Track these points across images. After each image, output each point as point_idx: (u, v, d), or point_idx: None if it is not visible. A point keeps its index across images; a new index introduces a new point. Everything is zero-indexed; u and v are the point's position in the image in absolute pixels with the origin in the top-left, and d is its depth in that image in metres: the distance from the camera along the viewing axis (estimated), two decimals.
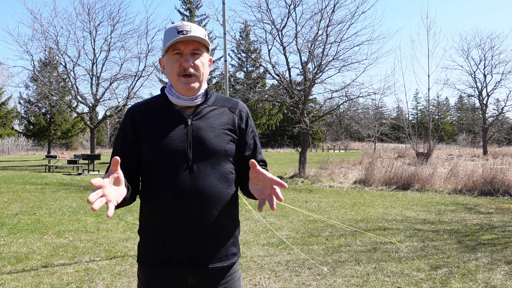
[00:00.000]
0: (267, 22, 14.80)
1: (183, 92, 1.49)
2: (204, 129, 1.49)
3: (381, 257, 4.70)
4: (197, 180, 1.44)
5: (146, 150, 1.48)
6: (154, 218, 1.48)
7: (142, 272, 1.53)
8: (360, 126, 17.87)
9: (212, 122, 1.51)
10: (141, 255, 1.52)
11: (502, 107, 33.70)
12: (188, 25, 1.47)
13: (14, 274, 4.18)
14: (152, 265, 1.49)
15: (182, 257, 1.44)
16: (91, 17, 24.89)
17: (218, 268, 1.48)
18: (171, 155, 1.45)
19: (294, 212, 7.72)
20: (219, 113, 1.55)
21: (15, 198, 9.72)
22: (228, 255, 1.50)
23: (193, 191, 1.43)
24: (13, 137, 43.88)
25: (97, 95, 25.35)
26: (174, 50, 1.47)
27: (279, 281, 3.97)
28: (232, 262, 1.52)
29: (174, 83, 1.50)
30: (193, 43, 1.47)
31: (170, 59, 1.49)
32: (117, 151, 1.53)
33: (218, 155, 1.48)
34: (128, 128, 1.53)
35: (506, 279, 3.97)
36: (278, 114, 48.44)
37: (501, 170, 10.31)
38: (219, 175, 1.48)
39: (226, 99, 1.62)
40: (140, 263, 1.53)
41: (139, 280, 1.55)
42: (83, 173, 17.66)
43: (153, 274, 1.49)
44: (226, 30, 5.46)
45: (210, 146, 1.47)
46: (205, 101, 1.54)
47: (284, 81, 15.00)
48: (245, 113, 1.61)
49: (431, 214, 7.49)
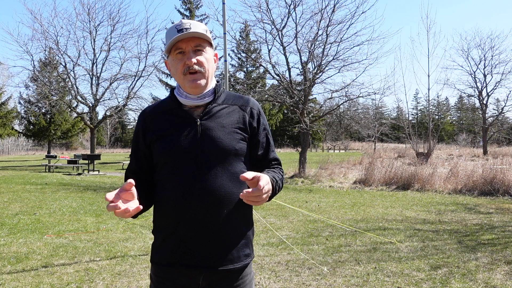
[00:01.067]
0: (267, 22, 14.81)
1: (191, 91, 1.48)
2: (213, 129, 1.47)
3: (381, 257, 4.70)
4: (208, 181, 1.42)
5: (157, 152, 1.49)
6: (166, 219, 1.47)
7: (154, 272, 1.52)
8: (360, 126, 17.88)
9: (222, 121, 1.49)
10: (154, 255, 1.52)
11: (502, 107, 33.77)
12: (188, 22, 1.45)
13: (14, 274, 4.18)
14: (164, 266, 1.48)
15: (194, 258, 1.43)
16: (91, 17, 24.93)
17: (230, 270, 1.46)
18: (181, 156, 1.44)
19: (294, 212, 7.72)
20: (229, 112, 1.52)
21: (15, 198, 9.72)
22: (241, 256, 1.48)
23: (203, 192, 1.41)
24: (13, 137, 43.91)
25: (97, 95, 25.36)
26: (176, 50, 1.46)
27: (279, 281, 3.97)
28: (244, 264, 1.49)
29: (181, 83, 1.49)
30: (194, 40, 1.46)
31: (173, 59, 1.48)
32: (132, 155, 1.60)
33: (228, 155, 1.46)
34: (140, 132, 1.55)
35: (506, 279, 3.97)
36: (278, 114, 48.48)
37: (501, 170, 10.31)
38: (230, 175, 1.45)
39: (237, 96, 1.59)
40: (153, 263, 1.53)
41: (151, 280, 1.55)
42: (83, 173, 17.66)
43: (164, 274, 1.48)
44: (226, 30, 5.46)
45: (220, 145, 1.45)
46: (215, 100, 1.53)
47: (284, 81, 14.99)
48: (257, 110, 1.57)
49: (431, 214, 7.49)
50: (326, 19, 14.29)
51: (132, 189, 1.32)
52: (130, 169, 1.58)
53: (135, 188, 1.33)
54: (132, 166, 1.58)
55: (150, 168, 1.55)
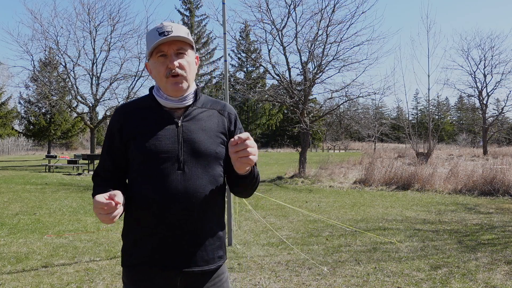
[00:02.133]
0: (267, 22, 14.80)
1: (172, 94, 1.48)
2: (195, 131, 1.47)
3: (381, 257, 4.70)
4: (188, 182, 1.42)
5: (134, 150, 1.46)
6: (144, 219, 1.44)
7: (128, 276, 1.49)
8: (360, 126, 17.85)
9: (203, 124, 1.50)
10: (128, 257, 1.49)
11: (502, 107, 33.76)
12: (169, 25, 1.45)
13: (14, 274, 4.18)
14: (140, 267, 1.45)
15: (173, 259, 1.42)
16: (91, 17, 24.88)
17: (206, 271, 1.47)
18: (161, 156, 1.43)
19: (294, 212, 7.72)
20: (208, 115, 1.53)
21: (15, 198, 9.72)
22: (215, 258, 1.49)
23: (184, 193, 1.41)
24: (13, 137, 43.88)
25: (97, 95, 25.34)
26: (158, 53, 1.45)
27: (279, 281, 3.97)
28: (218, 265, 1.51)
29: (162, 85, 1.48)
30: (176, 43, 1.45)
31: (155, 62, 1.47)
32: (104, 153, 1.54)
33: (209, 158, 1.47)
34: (115, 129, 1.51)
35: (506, 279, 3.97)
36: (278, 114, 48.47)
37: (501, 170, 10.31)
38: (210, 177, 1.46)
39: (214, 101, 1.60)
40: (126, 267, 1.49)
41: (124, 285, 1.51)
42: (83, 173, 17.66)
43: (141, 276, 1.46)
44: (226, 30, 5.46)
45: (201, 148, 1.46)
46: (195, 103, 1.53)
47: (284, 81, 14.99)
48: (234, 115, 1.60)
49: (431, 214, 7.49)
50: (326, 19, 14.31)
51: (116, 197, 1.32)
52: (103, 167, 1.53)
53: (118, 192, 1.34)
54: (106, 164, 1.52)
55: (124, 166, 1.51)
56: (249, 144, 1.30)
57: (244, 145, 1.30)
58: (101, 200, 1.28)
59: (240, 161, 1.32)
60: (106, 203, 1.27)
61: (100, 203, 1.27)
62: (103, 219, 1.30)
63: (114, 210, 1.29)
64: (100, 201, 1.27)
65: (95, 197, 1.30)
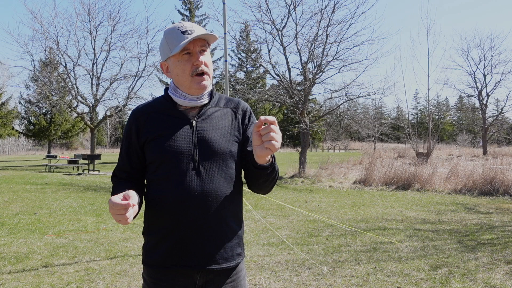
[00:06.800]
0: (267, 22, 14.82)
1: (196, 92, 1.48)
2: (209, 130, 1.48)
3: (381, 257, 4.71)
4: (204, 182, 1.44)
5: (151, 152, 1.47)
6: (161, 220, 1.46)
7: (148, 274, 1.51)
8: (360, 126, 17.88)
9: (217, 123, 1.51)
10: (148, 257, 1.50)
11: (502, 107, 33.80)
12: (189, 24, 1.46)
13: (15, 274, 4.18)
14: (160, 267, 1.47)
15: (192, 259, 1.44)
16: (91, 17, 24.94)
17: (225, 269, 1.48)
18: (177, 156, 1.44)
19: (294, 212, 7.73)
20: (222, 114, 1.54)
21: (15, 198, 9.72)
22: (234, 255, 1.51)
23: (200, 193, 1.42)
24: (14, 137, 43.87)
25: (97, 95, 25.37)
26: (183, 51, 1.45)
27: (279, 281, 3.97)
28: (237, 262, 1.52)
29: (187, 84, 1.47)
30: (200, 41, 1.46)
31: (179, 61, 1.46)
32: (123, 154, 1.57)
33: (224, 156, 1.48)
34: (133, 131, 1.53)
35: (506, 279, 3.97)
36: (278, 114, 48.44)
37: (501, 170, 10.31)
38: (225, 176, 1.48)
39: (228, 99, 1.61)
40: (147, 265, 1.51)
41: (144, 281, 1.53)
42: (83, 173, 17.67)
43: (161, 276, 1.48)
44: (226, 30, 5.46)
45: (216, 147, 1.47)
46: (210, 102, 1.54)
47: (284, 81, 15.00)
48: (248, 111, 1.61)
49: (431, 214, 7.49)
50: (326, 19, 14.33)
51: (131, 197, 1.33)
52: (120, 168, 1.56)
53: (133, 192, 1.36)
54: (124, 165, 1.55)
55: (142, 167, 1.54)
56: (274, 129, 1.27)
57: (269, 129, 1.27)
58: (117, 201, 1.28)
59: (261, 146, 1.29)
60: (121, 204, 1.27)
61: (115, 204, 1.27)
62: (118, 220, 1.30)
63: (127, 211, 1.29)
64: (115, 202, 1.28)
65: (110, 198, 1.31)
